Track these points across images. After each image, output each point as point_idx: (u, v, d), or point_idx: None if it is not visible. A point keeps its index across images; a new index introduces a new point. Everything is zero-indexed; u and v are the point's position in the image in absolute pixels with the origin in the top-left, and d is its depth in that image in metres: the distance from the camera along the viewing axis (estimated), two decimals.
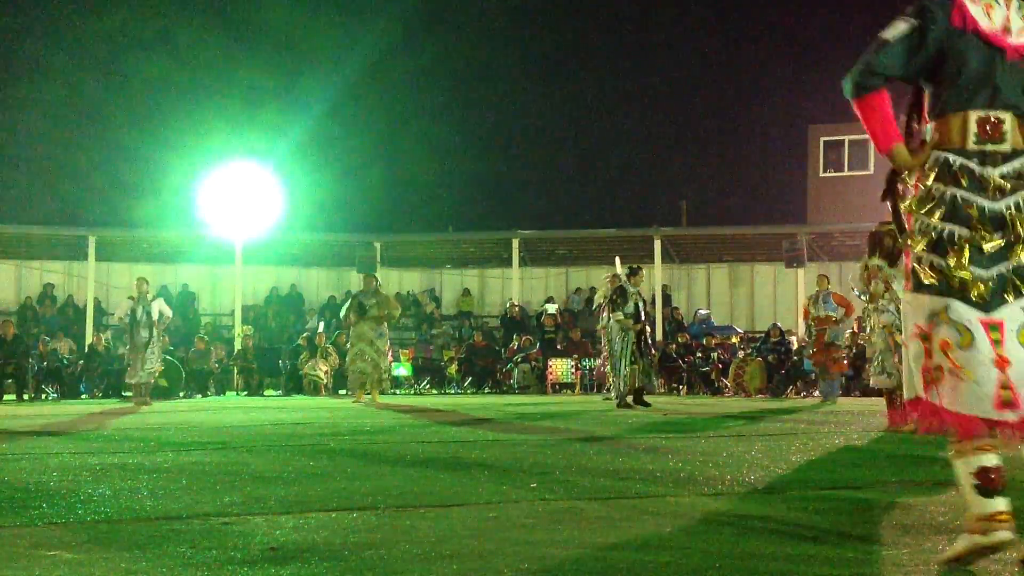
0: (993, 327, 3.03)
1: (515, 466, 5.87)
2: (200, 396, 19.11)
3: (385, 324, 15.22)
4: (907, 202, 3.26)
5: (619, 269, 14.15)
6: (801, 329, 21.01)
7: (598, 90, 41.51)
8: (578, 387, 20.90)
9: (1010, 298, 3.07)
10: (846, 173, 27.99)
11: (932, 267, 3.12)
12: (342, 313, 15.70)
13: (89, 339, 21.50)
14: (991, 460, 2.99)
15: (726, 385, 19.71)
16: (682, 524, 3.90)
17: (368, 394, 15.21)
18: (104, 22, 33.38)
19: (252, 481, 5.19)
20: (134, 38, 34.62)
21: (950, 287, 3.08)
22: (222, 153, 24.86)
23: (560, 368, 21.23)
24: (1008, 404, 2.97)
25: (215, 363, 21.10)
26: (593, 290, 26.09)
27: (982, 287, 3.06)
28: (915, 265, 3.18)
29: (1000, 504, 2.97)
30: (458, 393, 20.67)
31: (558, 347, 22.28)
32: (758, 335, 22.34)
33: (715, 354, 20.46)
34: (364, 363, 14.94)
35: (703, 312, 24.60)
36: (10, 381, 18.60)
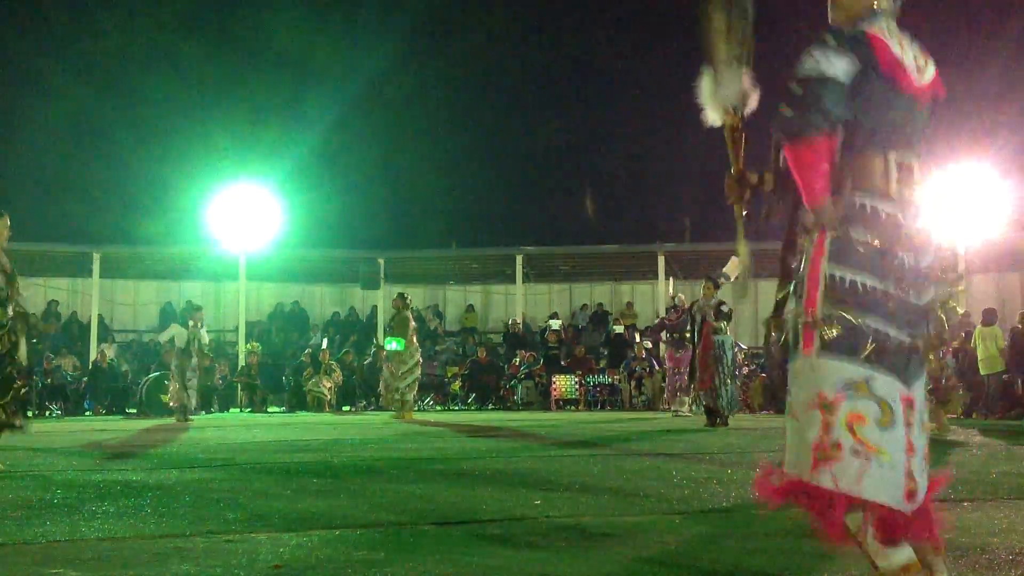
0: (910, 406, 2.72)
1: (519, 483, 5.87)
2: (204, 413, 19.10)
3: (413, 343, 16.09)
4: (814, 255, 2.81)
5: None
6: None
7: (601, 106, 41.64)
8: (582, 403, 20.86)
9: (922, 370, 2.78)
10: None
11: (850, 328, 2.72)
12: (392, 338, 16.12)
13: (93, 356, 21.52)
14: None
15: None
16: (685, 541, 3.89)
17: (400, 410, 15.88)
18: (108, 40, 33.57)
19: (255, 498, 5.19)
20: (138, 56, 34.79)
21: (876, 353, 2.70)
22: (226, 170, 24.92)
23: (564, 384, 21.19)
24: (911, 495, 2.68)
25: (219, 379, 21.10)
26: (600, 305, 26.28)
27: (902, 350, 2.74)
28: (822, 324, 2.75)
29: (907, 554, 2.69)
30: (462, 410, 20.62)
31: (562, 363, 22.26)
32: (761, 351, 22.30)
33: None
34: (399, 383, 15.72)
35: None
36: None
